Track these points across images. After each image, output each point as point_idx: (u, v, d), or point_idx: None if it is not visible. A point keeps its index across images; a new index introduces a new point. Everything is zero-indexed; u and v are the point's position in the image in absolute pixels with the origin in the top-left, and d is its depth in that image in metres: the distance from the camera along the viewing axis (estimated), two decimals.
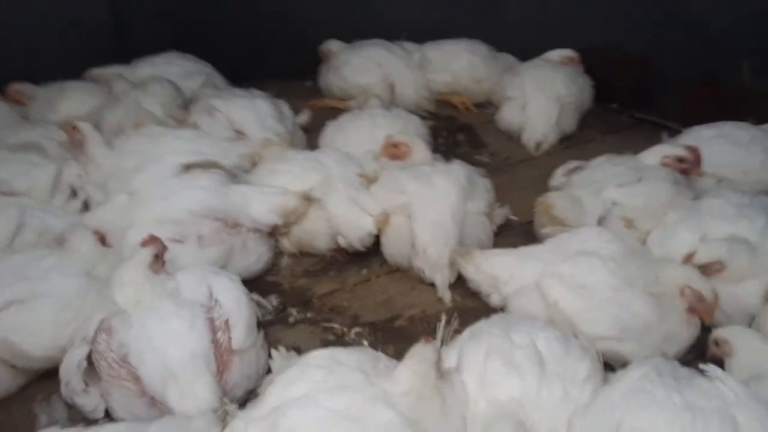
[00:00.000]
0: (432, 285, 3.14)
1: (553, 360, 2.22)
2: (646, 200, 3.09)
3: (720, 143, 3.43)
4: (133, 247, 2.73)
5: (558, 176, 3.47)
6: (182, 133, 3.57)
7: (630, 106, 4.70)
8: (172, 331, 2.38)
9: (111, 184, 3.26)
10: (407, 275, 3.26)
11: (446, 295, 3.07)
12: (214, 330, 2.45)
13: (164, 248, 2.62)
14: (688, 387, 2.02)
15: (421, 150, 3.41)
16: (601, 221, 3.08)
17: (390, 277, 3.30)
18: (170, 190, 3.07)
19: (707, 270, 2.70)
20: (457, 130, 4.57)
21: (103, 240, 2.92)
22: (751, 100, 3.89)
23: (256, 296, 2.85)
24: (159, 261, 2.59)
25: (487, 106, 4.77)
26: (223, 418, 2.20)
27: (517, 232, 3.48)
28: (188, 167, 3.17)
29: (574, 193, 3.17)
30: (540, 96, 4.22)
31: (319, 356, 2.27)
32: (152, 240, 2.58)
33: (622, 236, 2.86)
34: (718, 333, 2.52)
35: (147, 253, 2.53)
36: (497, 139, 4.46)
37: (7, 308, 2.45)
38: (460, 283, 3.10)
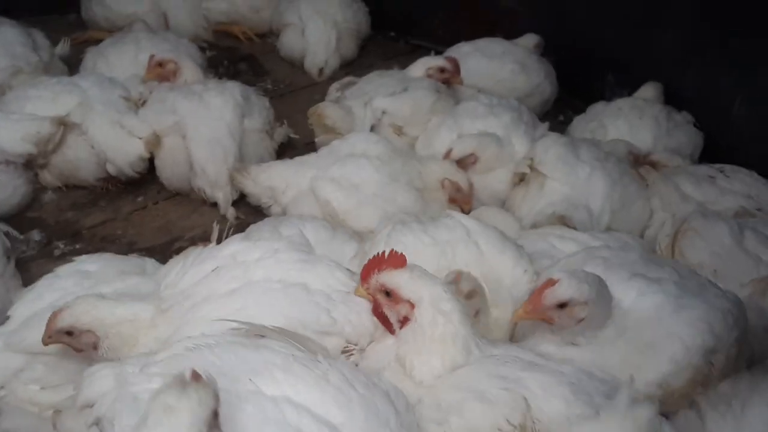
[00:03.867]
0: (214, 205, 3.09)
1: (321, 244, 2.29)
2: (412, 108, 3.27)
3: (476, 57, 3.73)
4: None
5: (333, 91, 3.55)
6: None
7: (406, 33, 4.91)
8: None
9: None
10: (187, 199, 3.18)
11: (229, 212, 3.04)
12: None
13: None
14: (434, 226, 2.23)
15: (190, 68, 3.28)
16: (373, 130, 3.22)
17: (169, 203, 3.19)
18: None
19: (463, 163, 2.96)
20: (239, 60, 4.46)
21: None
22: (504, 17, 4.27)
23: (3, 226, 2.59)
24: None
25: (270, 36, 4.71)
26: None
27: (300, 151, 3.51)
28: None
29: (346, 104, 3.26)
30: (318, 21, 4.24)
31: (66, 268, 2.16)
32: None
33: (389, 139, 3.02)
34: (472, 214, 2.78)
35: None
36: (280, 66, 4.43)
37: None
38: (243, 201, 3.08)
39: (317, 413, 1.38)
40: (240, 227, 2.86)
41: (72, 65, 3.84)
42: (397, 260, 1.79)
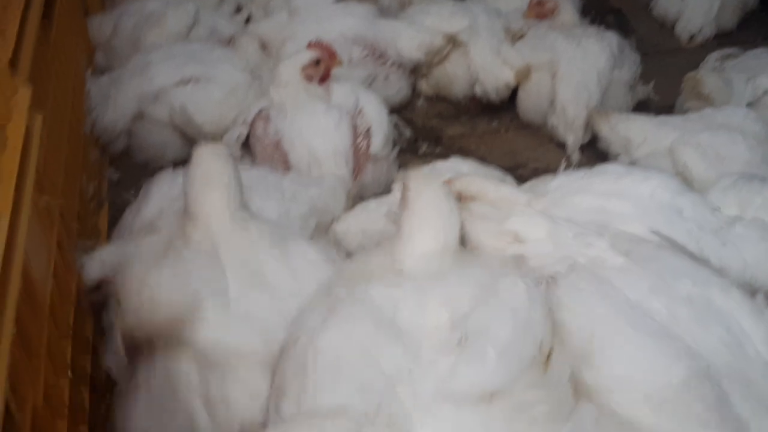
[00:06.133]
0: (560, 146, 3.22)
1: None
2: None
3: None
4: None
5: (711, 60, 3.36)
6: None
7: None
8: (320, 127, 2.64)
9: (273, 3, 3.48)
10: (536, 132, 3.35)
11: (575, 155, 3.14)
12: (355, 135, 2.69)
13: (330, 58, 2.78)
14: None
15: (568, 8, 3.39)
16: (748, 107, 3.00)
17: (519, 132, 3.40)
18: (327, 13, 3.26)
19: None
20: (607, 12, 4.43)
21: (263, 48, 3.19)
22: None
23: (394, 117, 3.04)
24: (317, 68, 2.76)
25: None
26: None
27: (653, 113, 3.43)
28: None
29: (726, 75, 3.08)
30: None
31: (447, 163, 2.49)
32: (319, 45, 2.77)
33: None
34: None
35: (307, 55, 2.73)
36: (648, 26, 4.30)
37: (185, 84, 2.77)
38: (589, 146, 3.16)
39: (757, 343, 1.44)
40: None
41: None
42: None
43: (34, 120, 1.57)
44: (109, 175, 2.78)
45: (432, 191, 1.74)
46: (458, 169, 2.49)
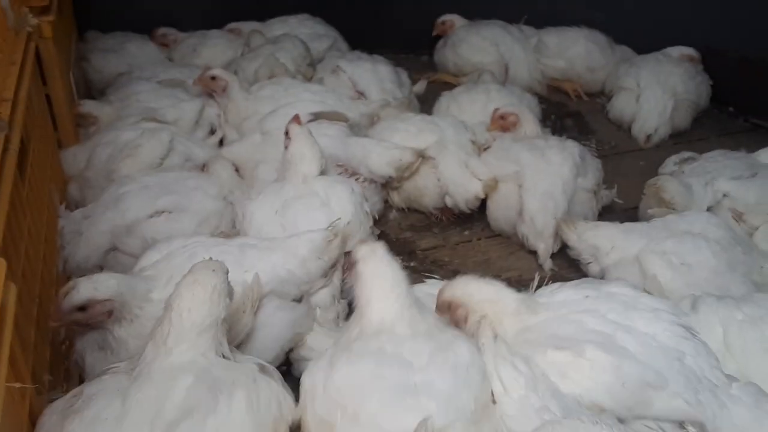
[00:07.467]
0: (531, 253, 3.28)
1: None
2: (759, 196, 3.09)
3: None
4: (263, 180, 3.05)
5: (670, 164, 3.51)
6: (311, 87, 3.85)
7: (747, 111, 4.62)
8: None
9: (246, 125, 3.57)
10: (507, 241, 3.42)
11: (546, 263, 3.20)
12: None
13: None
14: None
15: (529, 121, 3.53)
16: (709, 211, 3.11)
17: (490, 241, 3.46)
18: None
19: None
20: (566, 116, 4.65)
21: (236, 171, 3.25)
22: None
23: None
24: None
25: (599, 96, 4.82)
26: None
27: (618, 215, 3.54)
28: (317, 116, 3.43)
29: (686, 180, 3.21)
30: (656, 88, 4.24)
31: (424, 286, 2.50)
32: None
33: (731, 225, 2.90)
34: None
35: None
36: (606, 127, 4.51)
37: (158, 216, 2.78)
38: (560, 254, 3.22)
39: None
40: (554, 279, 3.00)
41: (422, 102, 4.40)
42: None
43: (8, 292, 1.53)
44: None
45: (377, 260, 2.02)
46: (435, 292, 2.50)
